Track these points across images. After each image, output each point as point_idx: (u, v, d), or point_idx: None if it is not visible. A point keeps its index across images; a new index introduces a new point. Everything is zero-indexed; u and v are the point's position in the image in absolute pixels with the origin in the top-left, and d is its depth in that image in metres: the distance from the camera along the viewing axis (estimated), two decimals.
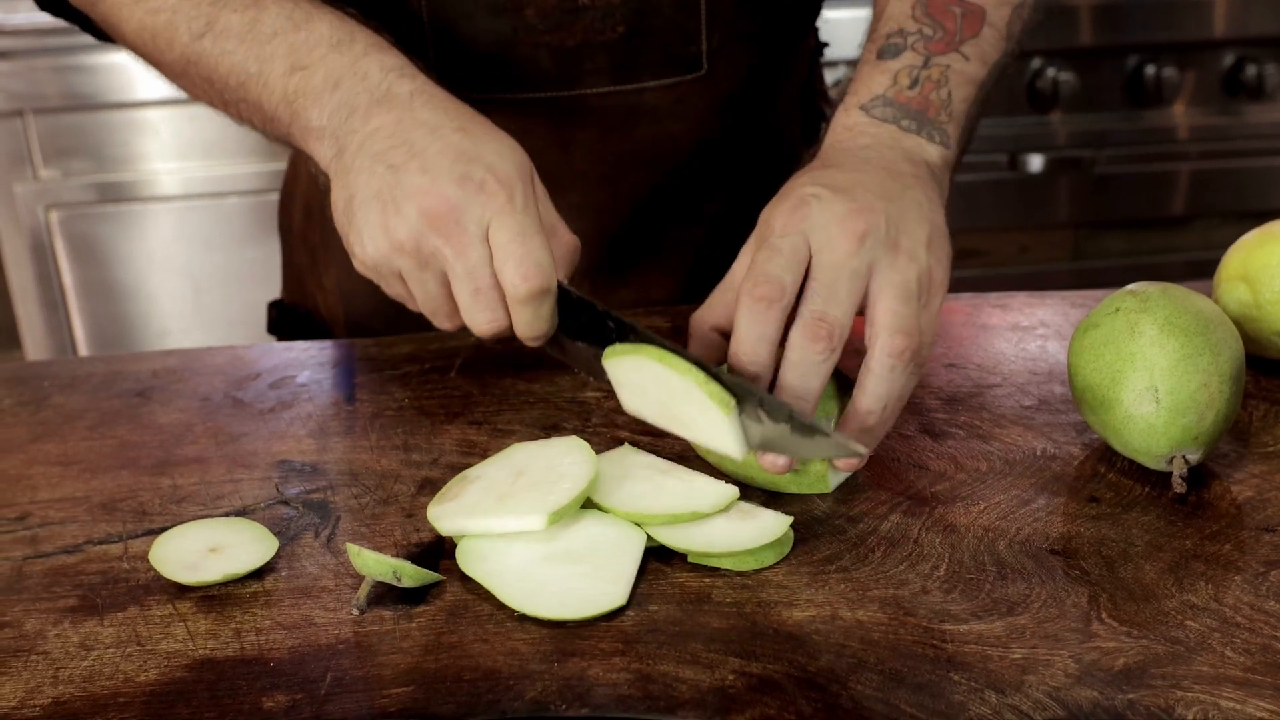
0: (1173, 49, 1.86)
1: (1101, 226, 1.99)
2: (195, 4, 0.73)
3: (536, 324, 0.66)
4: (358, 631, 0.55)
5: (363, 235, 0.66)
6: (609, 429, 0.72)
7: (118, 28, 0.79)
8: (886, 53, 0.74)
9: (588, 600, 0.55)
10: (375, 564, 0.56)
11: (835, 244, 0.63)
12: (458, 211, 0.63)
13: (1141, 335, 0.64)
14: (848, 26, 1.70)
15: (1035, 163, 1.87)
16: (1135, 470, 0.66)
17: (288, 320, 1.07)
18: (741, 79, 0.91)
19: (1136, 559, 0.58)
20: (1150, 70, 1.85)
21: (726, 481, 0.63)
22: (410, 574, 0.56)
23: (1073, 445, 0.69)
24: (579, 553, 0.58)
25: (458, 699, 0.50)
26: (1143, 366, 0.63)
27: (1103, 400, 0.65)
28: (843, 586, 0.57)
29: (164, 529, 0.62)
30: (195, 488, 0.68)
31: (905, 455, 0.69)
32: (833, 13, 1.06)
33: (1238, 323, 0.75)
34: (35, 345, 1.90)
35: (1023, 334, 0.84)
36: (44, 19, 1.72)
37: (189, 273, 1.89)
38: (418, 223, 0.64)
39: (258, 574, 0.59)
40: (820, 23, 1.04)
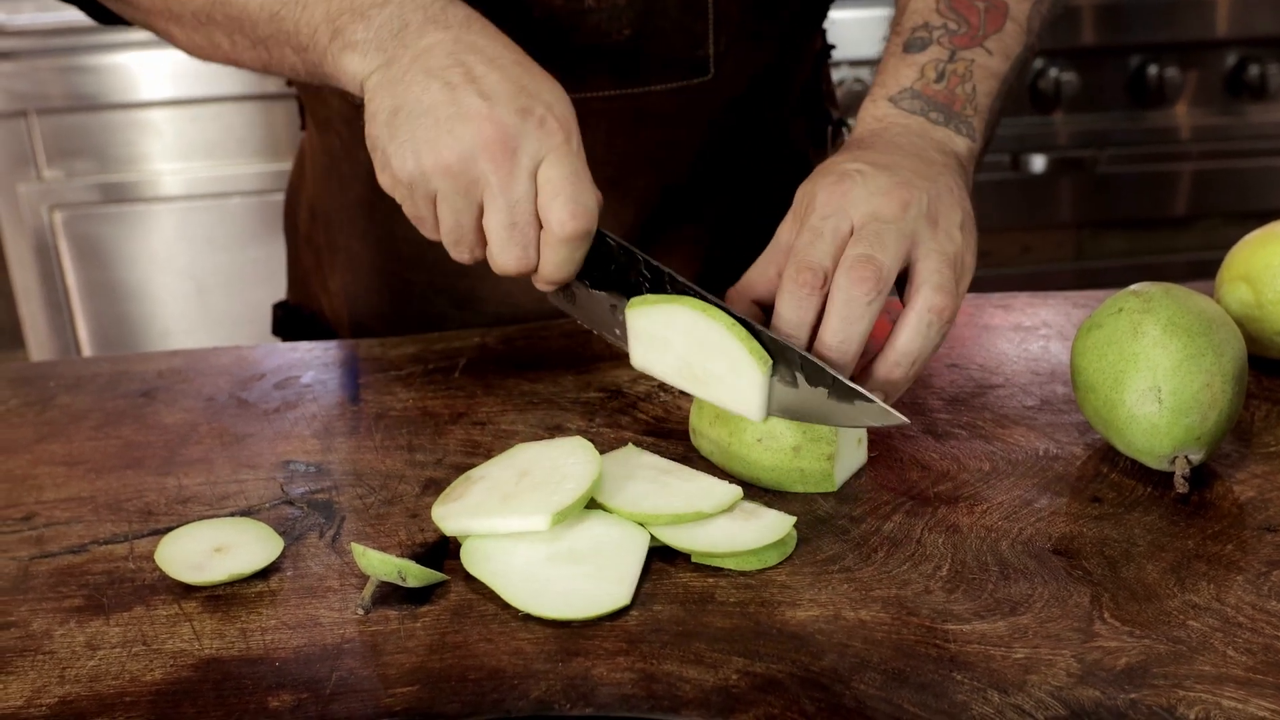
0: (1175, 49, 1.86)
1: (1104, 226, 1.99)
2: None
3: (567, 266, 0.65)
4: (363, 631, 0.55)
5: (404, 149, 0.64)
6: (613, 429, 0.73)
7: None
8: (912, 46, 0.75)
9: (592, 600, 0.55)
10: (380, 564, 0.56)
11: (880, 210, 0.65)
12: (514, 141, 0.63)
13: (1144, 335, 0.64)
14: (850, 27, 1.70)
15: (1038, 163, 1.87)
16: (1138, 470, 0.66)
17: (293, 321, 1.07)
18: (748, 82, 0.91)
19: (1139, 559, 0.59)
20: (1152, 70, 1.86)
21: (730, 481, 0.63)
22: (415, 574, 0.56)
23: (1075, 445, 0.69)
24: (583, 553, 0.59)
25: (462, 698, 0.51)
26: (1145, 367, 0.63)
27: (1105, 400, 0.65)
28: (846, 586, 0.57)
29: (169, 529, 0.62)
30: (200, 488, 0.68)
31: (908, 455, 0.69)
32: (835, 13, 1.06)
33: (1240, 323, 0.75)
34: (39, 345, 1.91)
35: (1025, 334, 0.84)
36: (47, 19, 1.72)
37: (192, 273, 1.89)
38: (470, 145, 0.63)
39: (263, 574, 0.59)
40: (826, 24, 1.04)
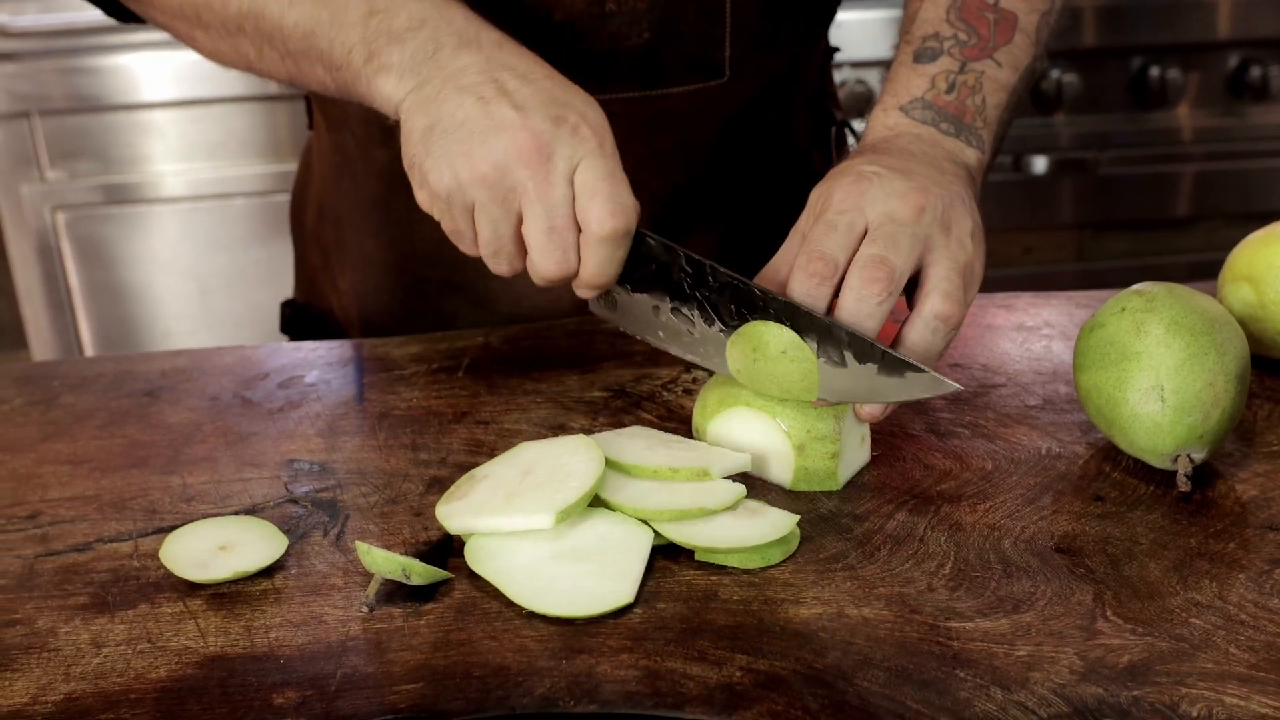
0: (1177, 50, 1.86)
1: (1106, 227, 1.99)
2: None
3: (608, 268, 0.66)
4: (367, 629, 0.55)
5: (440, 163, 0.65)
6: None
7: None
8: (923, 56, 0.75)
9: (595, 598, 0.55)
10: (384, 562, 0.56)
11: (896, 212, 0.65)
12: (549, 148, 0.63)
13: (1147, 335, 0.64)
14: (853, 29, 1.71)
15: (1040, 164, 1.88)
16: (1140, 469, 0.67)
17: (301, 320, 1.07)
18: (761, 84, 0.91)
19: (1141, 557, 0.59)
20: (1154, 72, 1.86)
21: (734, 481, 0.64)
22: (419, 572, 0.57)
23: (1078, 444, 0.69)
24: (586, 550, 0.59)
25: (467, 695, 0.51)
26: (1148, 366, 0.63)
27: (1108, 399, 0.65)
28: (849, 584, 0.57)
29: (174, 527, 0.63)
30: (205, 486, 0.68)
31: (911, 454, 0.69)
32: (838, 15, 1.06)
33: (1242, 323, 0.75)
34: (41, 346, 1.91)
35: (1028, 334, 0.84)
36: (50, 21, 1.73)
37: (195, 274, 1.89)
38: (506, 154, 0.63)
39: (267, 572, 0.60)
40: (834, 25, 1.05)
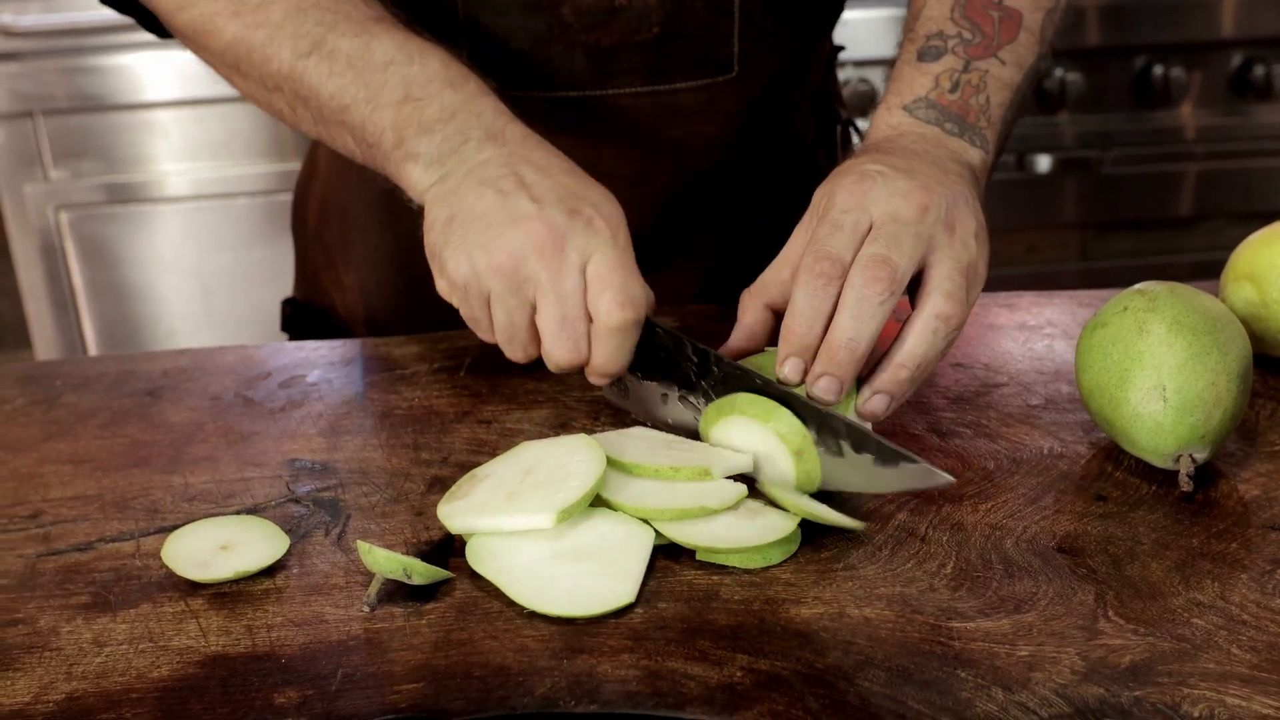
0: (1180, 49, 1.86)
1: (1109, 227, 1.99)
2: (301, 23, 0.74)
3: (618, 357, 0.67)
4: (368, 628, 0.55)
5: (459, 253, 0.67)
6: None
7: (206, 37, 0.78)
8: (927, 55, 0.75)
9: (596, 597, 0.55)
10: (386, 561, 0.56)
11: (899, 212, 0.65)
12: (563, 240, 0.65)
13: (1149, 334, 0.64)
14: (857, 28, 1.70)
15: (1043, 163, 1.87)
16: (1142, 469, 0.67)
17: (302, 317, 1.08)
18: (768, 81, 0.91)
19: (1143, 557, 0.59)
20: (1158, 71, 1.86)
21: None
22: (420, 571, 0.57)
23: (1080, 444, 0.69)
24: (588, 550, 0.59)
25: (468, 695, 0.51)
26: (1150, 365, 0.63)
27: (1110, 399, 0.65)
28: (850, 584, 0.57)
29: (176, 527, 0.63)
30: (206, 486, 0.68)
31: (911, 450, 0.69)
32: (851, 13, 1.06)
33: (1245, 322, 0.75)
34: (45, 345, 1.91)
35: (1030, 333, 0.84)
36: (53, 21, 1.73)
37: (198, 273, 1.90)
38: (521, 246, 0.65)
39: (269, 571, 0.60)
40: (840, 24, 1.05)
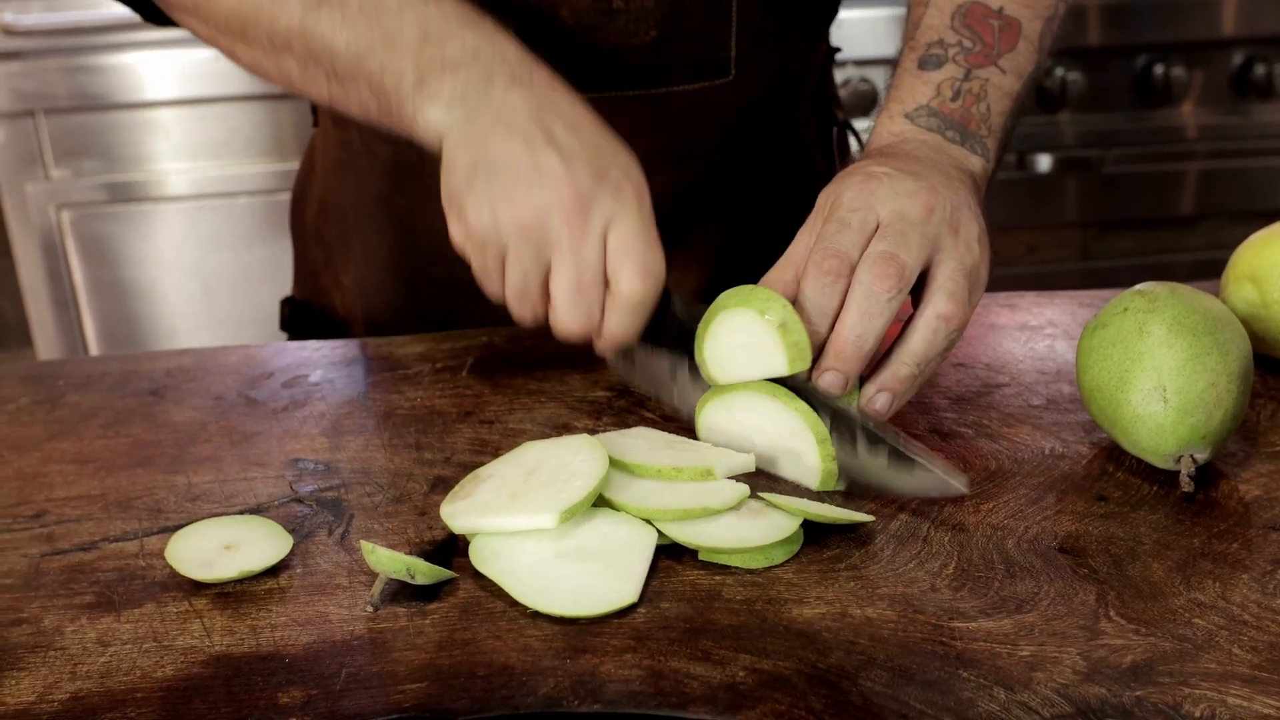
0: (1181, 48, 1.86)
1: (1110, 226, 1.99)
2: None
3: (631, 328, 0.66)
4: (372, 628, 0.55)
5: (481, 203, 0.65)
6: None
7: (209, 4, 0.77)
8: (928, 63, 0.76)
9: (599, 597, 0.56)
10: (389, 561, 0.56)
11: (906, 211, 0.66)
12: (588, 203, 0.64)
13: (1150, 335, 0.64)
14: (855, 27, 1.70)
15: (1043, 162, 1.88)
16: (1143, 469, 0.67)
17: (300, 317, 1.08)
18: (765, 83, 0.92)
19: (1144, 557, 0.59)
20: (1159, 70, 1.86)
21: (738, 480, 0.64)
22: (424, 571, 0.57)
23: (1081, 444, 0.70)
24: (590, 550, 0.59)
25: (471, 695, 0.51)
26: (1151, 366, 0.63)
27: (1111, 399, 0.65)
28: (852, 584, 0.57)
29: (179, 526, 0.63)
30: (210, 486, 0.69)
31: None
32: (840, 14, 1.06)
33: (1245, 322, 0.75)
34: (46, 344, 1.91)
35: (1031, 334, 0.84)
36: (54, 20, 1.73)
37: (199, 272, 1.90)
38: (545, 203, 0.64)
39: (272, 571, 0.60)
40: (835, 25, 1.05)
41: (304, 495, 0.67)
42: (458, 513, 0.61)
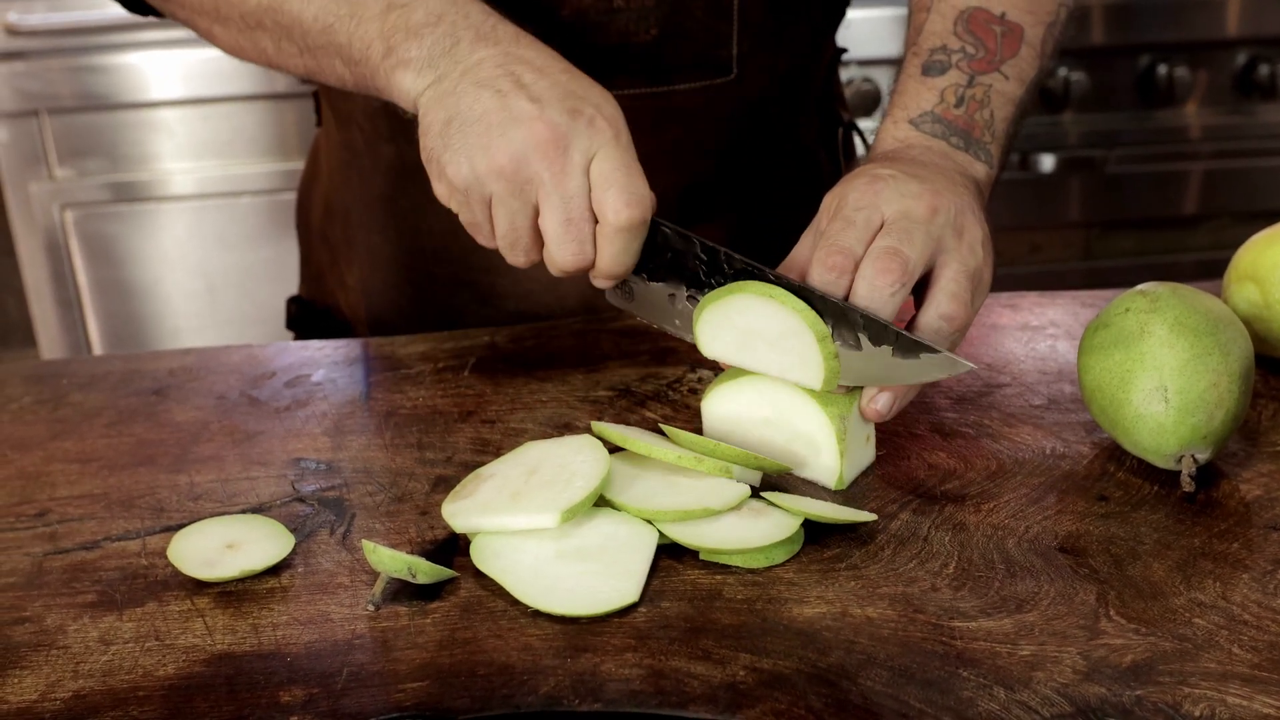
0: (1185, 49, 1.86)
1: (1113, 226, 1.99)
2: None
3: (624, 258, 0.66)
4: (373, 627, 0.55)
5: (459, 156, 0.66)
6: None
7: None
8: (931, 69, 0.76)
9: (600, 597, 0.56)
10: (390, 560, 0.56)
11: (911, 210, 0.66)
12: (565, 140, 0.64)
13: (1151, 335, 0.64)
14: (860, 27, 1.70)
15: (1047, 162, 1.87)
16: (1144, 469, 0.67)
17: (307, 316, 1.08)
18: (768, 83, 0.92)
19: (1145, 557, 0.59)
20: (1162, 70, 1.85)
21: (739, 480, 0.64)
22: (425, 570, 0.57)
23: (1082, 444, 0.70)
24: (591, 550, 0.59)
25: (472, 693, 0.51)
26: (1152, 366, 0.63)
27: (1112, 399, 0.65)
28: (853, 584, 0.57)
29: (181, 526, 0.63)
30: (212, 485, 0.69)
31: (915, 454, 0.69)
32: (855, 12, 1.06)
33: (1247, 322, 0.75)
34: (50, 343, 1.92)
35: (1032, 334, 0.84)
36: (59, 20, 1.73)
37: (203, 272, 1.90)
38: (522, 147, 0.64)
39: (274, 570, 0.60)
40: (843, 26, 1.05)
41: (306, 494, 0.67)
42: (459, 512, 0.61)
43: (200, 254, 1.89)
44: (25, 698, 0.52)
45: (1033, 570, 0.58)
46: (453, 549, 0.61)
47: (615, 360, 0.82)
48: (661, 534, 0.60)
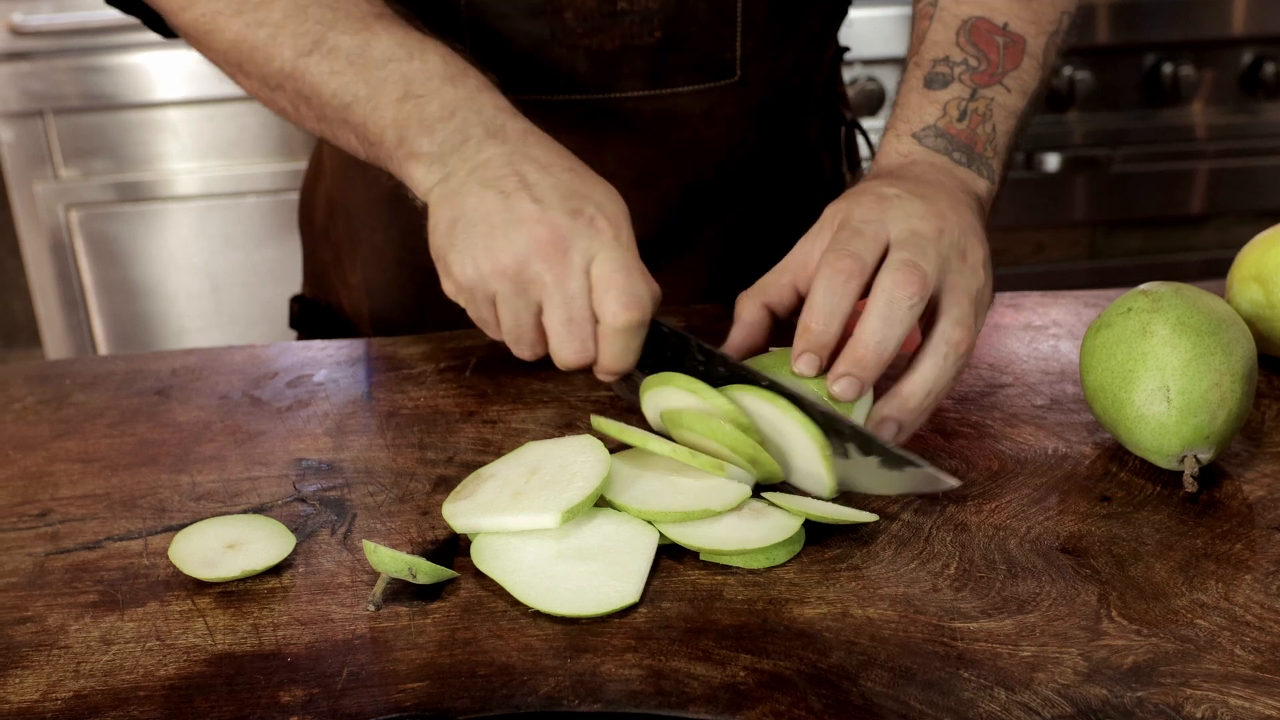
0: (1190, 47, 1.86)
1: (1118, 225, 1.98)
2: (301, 21, 0.74)
3: (625, 357, 0.67)
4: (373, 627, 0.56)
5: (464, 256, 0.67)
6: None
7: (209, 36, 0.79)
8: (934, 82, 0.76)
9: (600, 597, 0.56)
10: (391, 561, 0.56)
11: (919, 229, 0.66)
12: (566, 241, 0.65)
13: (1153, 335, 0.64)
14: (863, 26, 1.70)
15: (1052, 162, 1.87)
16: (1147, 469, 0.67)
17: (310, 315, 1.08)
18: (772, 85, 0.92)
19: (1147, 558, 0.59)
20: (1167, 69, 1.85)
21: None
22: (425, 571, 0.57)
23: (1084, 444, 0.69)
24: (592, 550, 0.59)
25: (472, 694, 0.51)
26: (1154, 366, 0.63)
27: (1114, 400, 0.65)
28: (853, 584, 0.57)
29: (183, 526, 0.63)
30: (214, 485, 0.69)
31: (917, 454, 0.69)
32: (857, 11, 1.06)
33: (1250, 322, 0.75)
34: (55, 344, 1.92)
35: (1035, 333, 0.84)
36: (64, 20, 1.74)
37: (207, 272, 1.90)
38: (524, 248, 0.65)
39: (275, 570, 0.60)
40: (845, 24, 1.05)
41: (307, 494, 0.67)
42: (459, 512, 0.61)
43: (205, 254, 1.89)
44: (26, 698, 0.52)
45: (1034, 571, 0.58)
46: (453, 549, 0.61)
47: None
48: (662, 534, 0.60)
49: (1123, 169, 1.91)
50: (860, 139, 1.08)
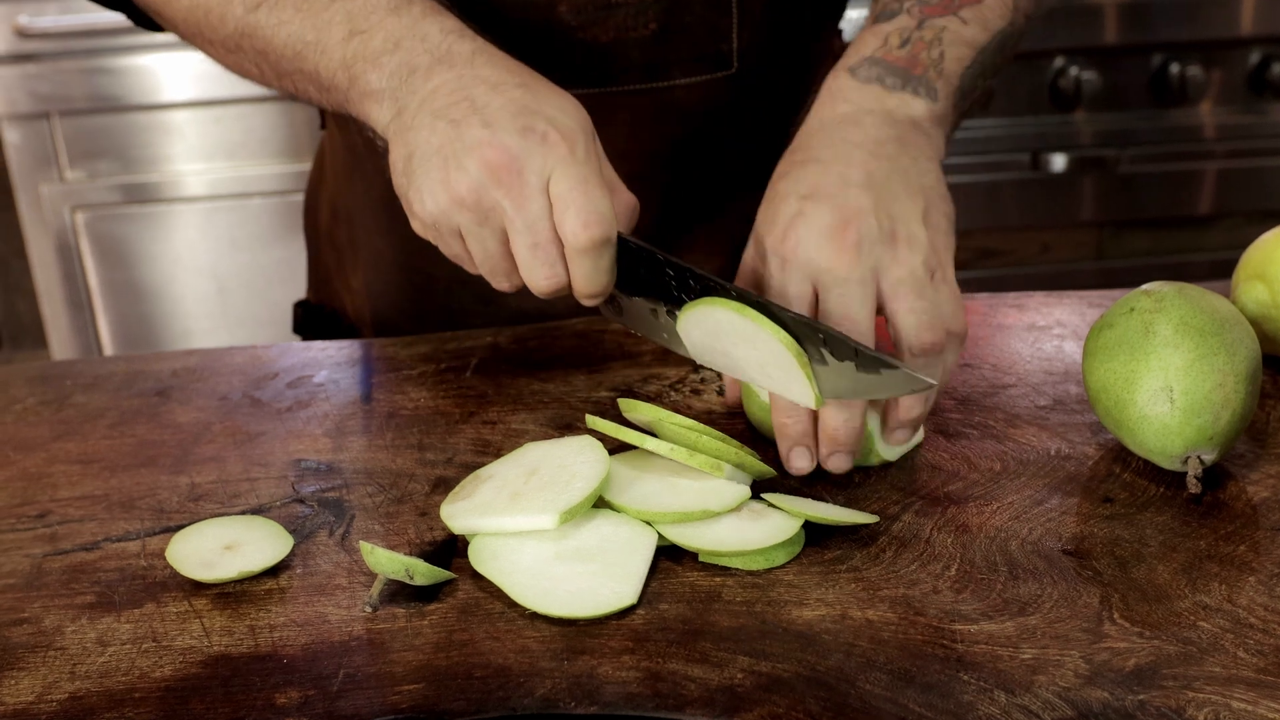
0: (1197, 47, 1.85)
1: (1125, 226, 1.98)
2: None
3: (596, 277, 0.65)
4: (370, 629, 0.55)
5: (422, 191, 0.65)
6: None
7: (166, 7, 0.78)
8: (882, 17, 0.74)
9: (598, 599, 0.55)
10: (388, 562, 0.56)
11: (834, 261, 0.63)
12: (519, 162, 0.63)
13: (1156, 335, 0.63)
14: (862, 19, 1.70)
15: (1058, 162, 1.87)
16: (1150, 470, 0.66)
17: (314, 320, 1.08)
18: (768, 76, 0.91)
19: (1150, 559, 0.58)
20: (1175, 69, 1.84)
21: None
22: (422, 572, 0.57)
23: (1087, 445, 0.69)
24: (590, 551, 0.59)
25: (468, 696, 0.51)
26: (1157, 367, 0.63)
27: (1117, 400, 0.64)
28: (853, 586, 0.57)
29: (181, 527, 0.63)
30: (212, 486, 0.69)
31: (918, 455, 0.69)
32: (855, 11, 1.06)
33: (1255, 323, 0.74)
34: (60, 344, 1.92)
35: (1039, 334, 0.84)
36: (70, 22, 1.74)
37: (213, 273, 1.90)
38: (478, 175, 0.63)
39: (273, 571, 0.60)
40: (843, 22, 1.04)
41: (306, 495, 0.67)
42: (457, 513, 0.61)
43: (211, 255, 1.89)
44: (22, 699, 0.52)
45: (1036, 573, 0.57)
46: (451, 551, 0.61)
47: (618, 361, 0.82)
48: (661, 536, 0.60)
49: (1130, 169, 1.90)
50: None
